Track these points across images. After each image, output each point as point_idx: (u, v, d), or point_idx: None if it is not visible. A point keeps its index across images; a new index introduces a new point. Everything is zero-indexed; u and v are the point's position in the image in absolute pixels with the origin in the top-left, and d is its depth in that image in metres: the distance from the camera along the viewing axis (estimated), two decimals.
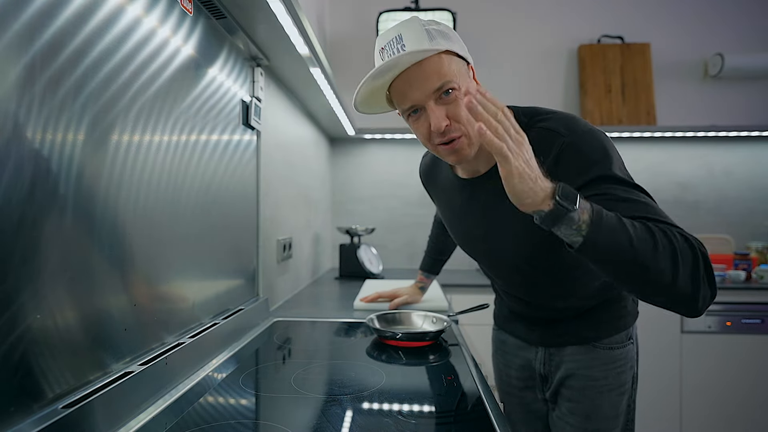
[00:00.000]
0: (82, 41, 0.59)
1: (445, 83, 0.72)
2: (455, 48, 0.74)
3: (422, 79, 0.72)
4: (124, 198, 0.68)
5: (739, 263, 2.15)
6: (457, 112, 0.73)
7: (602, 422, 0.90)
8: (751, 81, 2.48)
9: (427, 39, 0.71)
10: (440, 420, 0.67)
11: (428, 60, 0.71)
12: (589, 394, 0.90)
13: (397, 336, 1.00)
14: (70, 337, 0.57)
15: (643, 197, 0.68)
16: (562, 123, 0.75)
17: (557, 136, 0.73)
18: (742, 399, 1.95)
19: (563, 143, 0.72)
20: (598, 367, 0.91)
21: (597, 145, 0.72)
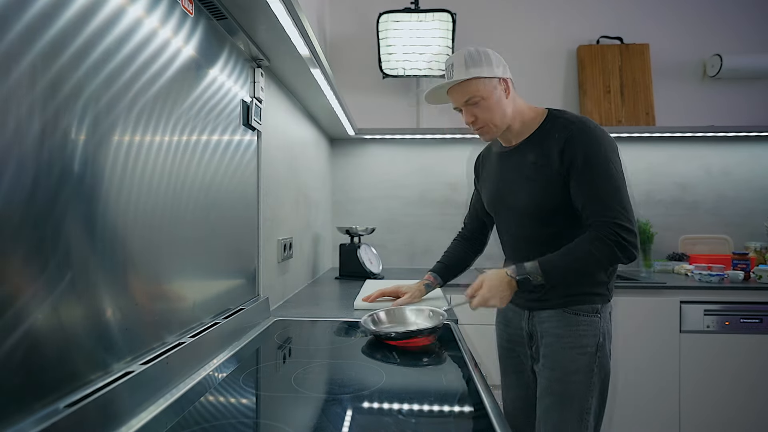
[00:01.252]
0: (84, 42, 0.60)
1: (469, 98, 1.12)
2: (483, 73, 1.10)
3: (458, 94, 1.14)
4: (125, 198, 0.69)
5: (737, 263, 2.16)
6: (480, 113, 1.13)
7: (563, 374, 1.10)
8: (749, 81, 2.49)
9: (464, 68, 1.10)
10: (440, 420, 0.67)
11: (462, 83, 1.12)
12: (555, 348, 1.12)
13: (391, 335, 1.01)
14: (71, 336, 0.57)
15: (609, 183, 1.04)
16: (578, 118, 1.10)
17: (570, 123, 1.08)
18: (741, 398, 1.96)
19: (573, 128, 1.07)
20: (563, 327, 1.12)
21: (598, 136, 1.06)
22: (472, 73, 1.10)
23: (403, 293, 1.39)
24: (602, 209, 1.02)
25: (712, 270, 2.08)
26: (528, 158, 1.13)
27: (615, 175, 1.04)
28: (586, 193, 1.04)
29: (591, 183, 1.03)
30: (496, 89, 1.13)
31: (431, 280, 1.43)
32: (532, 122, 1.16)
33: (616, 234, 1.00)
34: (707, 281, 2.03)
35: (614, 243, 1.00)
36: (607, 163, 1.04)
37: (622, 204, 1.02)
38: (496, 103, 1.12)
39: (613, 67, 2.47)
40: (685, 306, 1.96)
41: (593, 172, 1.03)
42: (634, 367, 1.96)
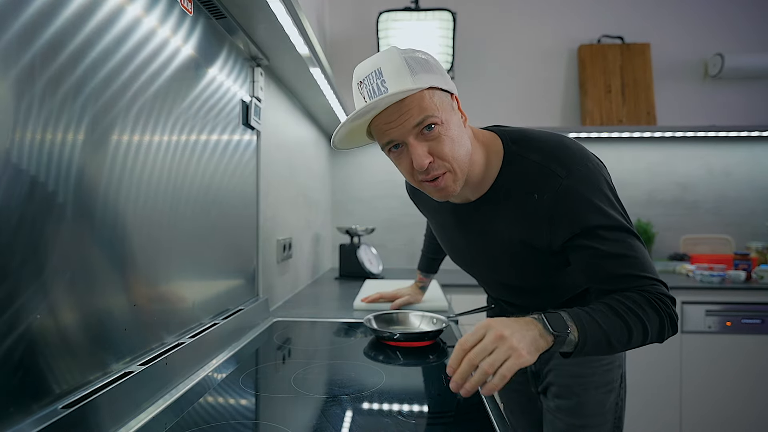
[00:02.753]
0: (82, 41, 0.59)
1: (426, 117, 0.69)
2: (438, 82, 0.70)
3: (403, 114, 0.69)
4: (124, 198, 0.68)
5: (739, 263, 2.15)
6: (441, 148, 0.70)
7: (589, 418, 0.92)
8: (751, 81, 2.48)
9: (408, 73, 0.68)
10: (440, 420, 0.67)
11: (410, 96, 0.68)
12: (577, 391, 0.92)
13: (395, 336, 1.00)
14: (70, 337, 0.57)
15: (627, 248, 0.72)
16: (556, 157, 0.74)
17: (555, 177, 0.73)
18: (742, 399, 1.95)
19: (560, 186, 0.72)
20: (585, 364, 0.92)
21: (591, 188, 0.73)
22: (425, 80, 0.69)
23: (403, 295, 1.39)
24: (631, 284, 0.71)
25: (714, 270, 2.08)
26: (500, 225, 0.80)
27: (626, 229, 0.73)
28: (602, 272, 0.73)
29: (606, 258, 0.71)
30: (454, 112, 0.74)
31: (425, 281, 1.42)
32: (487, 166, 0.79)
33: (667, 304, 0.70)
34: (708, 281, 2.03)
35: (666, 315, 0.70)
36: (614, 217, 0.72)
37: (650, 271, 0.72)
38: (457, 128, 0.73)
39: (614, 67, 2.46)
40: (687, 306, 1.96)
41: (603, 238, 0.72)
42: (636, 367, 1.95)
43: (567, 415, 0.93)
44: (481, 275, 0.99)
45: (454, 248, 0.97)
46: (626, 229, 0.73)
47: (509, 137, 0.79)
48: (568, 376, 0.93)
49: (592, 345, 0.66)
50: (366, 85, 0.71)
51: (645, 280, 0.71)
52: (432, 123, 0.69)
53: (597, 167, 0.75)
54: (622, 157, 2.50)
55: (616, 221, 0.72)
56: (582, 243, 0.72)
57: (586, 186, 0.72)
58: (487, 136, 0.80)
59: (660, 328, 0.70)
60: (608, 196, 0.74)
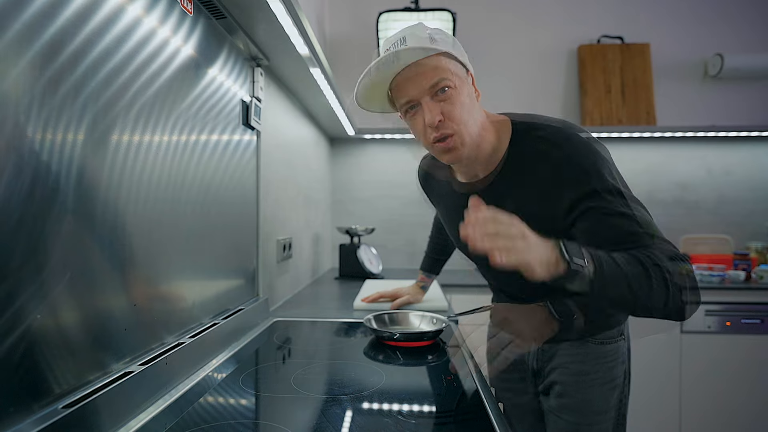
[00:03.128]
0: (82, 41, 0.59)
1: (441, 80, 0.75)
2: (455, 52, 0.77)
3: (420, 75, 0.75)
4: (124, 198, 0.68)
5: (738, 263, 2.15)
6: (452, 110, 0.76)
7: (593, 416, 0.91)
8: (750, 81, 2.48)
9: (428, 41, 0.74)
10: (440, 420, 0.67)
11: (427, 58, 0.75)
12: (581, 388, 0.91)
13: (395, 336, 1.00)
14: (70, 337, 0.57)
15: (635, 209, 0.72)
16: (559, 134, 0.77)
17: (558, 148, 0.76)
18: (742, 399, 1.95)
19: (563, 155, 0.75)
20: (589, 361, 0.92)
21: (592, 157, 0.75)
22: (442, 46, 0.75)
23: (403, 294, 1.39)
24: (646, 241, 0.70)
25: (713, 270, 2.08)
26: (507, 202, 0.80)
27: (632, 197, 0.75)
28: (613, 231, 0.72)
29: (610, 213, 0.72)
30: (466, 83, 0.79)
31: (426, 281, 1.42)
32: (497, 145, 0.82)
33: (688, 263, 0.69)
34: (708, 281, 2.03)
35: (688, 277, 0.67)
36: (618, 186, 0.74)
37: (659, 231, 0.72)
38: (469, 98, 0.78)
39: (614, 67, 2.46)
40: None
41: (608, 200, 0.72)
42: (635, 367, 1.94)
43: (571, 413, 0.92)
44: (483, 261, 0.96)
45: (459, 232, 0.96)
46: (631, 197, 0.74)
47: (518, 119, 0.84)
48: (572, 374, 0.92)
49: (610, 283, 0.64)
50: (396, 45, 0.77)
51: (659, 240, 0.70)
52: (446, 86, 0.75)
53: (599, 145, 0.77)
54: (622, 157, 2.50)
55: (619, 188, 0.73)
56: (588, 205, 0.73)
57: (587, 155, 0.75)
58: (498, 118, 0.85)
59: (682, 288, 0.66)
60: (610, 170, 0.75)
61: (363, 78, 0.77)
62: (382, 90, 0.82)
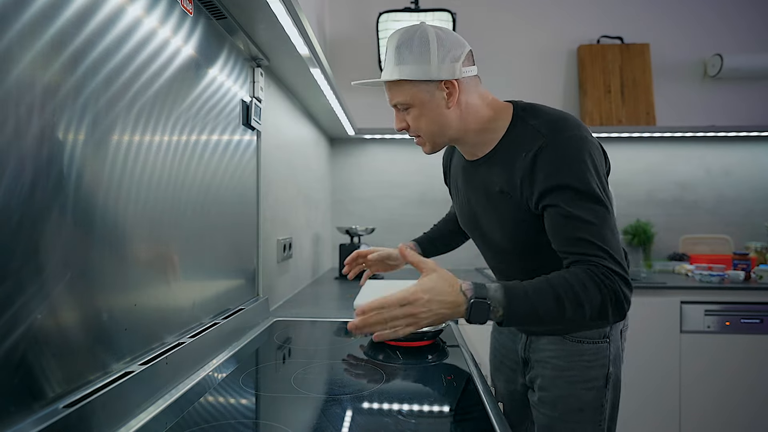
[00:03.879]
0: (83, 41, 0.59)
1: (398, 103, 0.88)
2: (414, 74, 0.83)
3: (389, 91, 0.89)
4: (125, 198, 0.68)
5: (738, 263, 2.16)
6: (413, 122, 0.89)
7: (566, 413, 0.92)
8: (750, 81, 2.49)
9: (393, 62, 0.84)
10: (440, 420, 0.67)
11: (392, 82, 0.86)
12: (557, 383, 0.94)
13: None
14: (71, 337, 0.57)
15: (591, 215, 0.75)
16: (550, 124, 0.81)
17: (539, 136, 0.80)
18: (741, 399, 1.96)
19: (542, 144, 0.79)
20: (566, 357, 0.93)
21: (572, 152, 0.78)
22: (400, 72, 0.83)
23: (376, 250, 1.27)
24: (585, 250, 0.74)
25: (713, 270, 2.08)
26: (494, 181, 0.88)
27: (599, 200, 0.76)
28: (562, 233, 0.77)
29: (568, 218, 0.75)
30: (433, 96, 0.84)
31: (412, 247, 1.30)
32: (495, 128, 0.88)
33: (613, 281, 0.72)
34: (708, 281, 2.03)
35: (610, 293, 0.72)
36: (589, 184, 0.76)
37: (609, 244, 0.74)
38: (433, 111, 0.85)
39: (614, 67, 2.46)
40: (686, 306, 1.96)
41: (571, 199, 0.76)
42: (635, 367, 1.95)
43: (548, 408, 0.94)
44: (478, 236, 1.01)
45: (461, 208, 1.04)
46: (599, 199, 0.76)
47: (521, 106, 0.89)
48: (551, 369, 0.94)
49: (520, 320, 0.74)
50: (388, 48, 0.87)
51: (599, 251, 0.74)
52: (405, 105, 0.87)
53: (586, 140, 0.80)
54: (621, 157, 2.51)
55: (588, 187, 0.76)
56: (551, 200, 0.78)
57: (567, 149, 0.78)
58: (500, 104, 0.91)
59: (602, 306, 0.72)
60: (588, 166, 0.77)
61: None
62: None
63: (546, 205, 0.78)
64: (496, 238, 0.93)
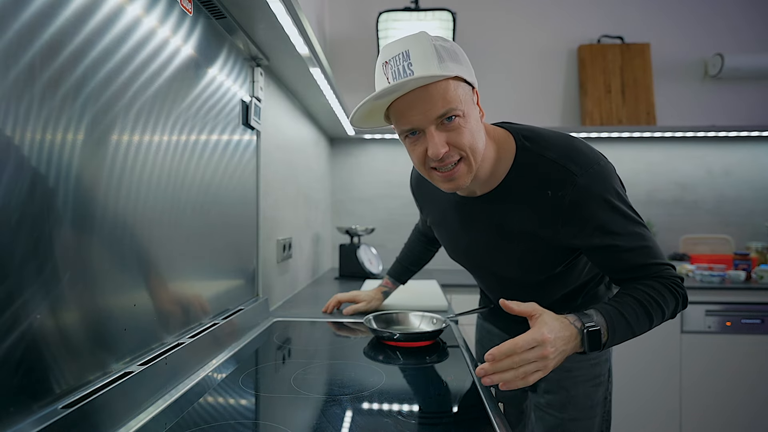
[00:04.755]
0: (82, 41, 0.59)
1: (449, 110, 0.69)
2: (464, 73, 0.72)
3: (426, 103, 0.69)
4: (124, 198, 0.68)
5: (738, 263, 2.15)
6: (459, 139, 0.71)
7: (578, 412, 0.93)
8: (750, 81, 2.48)
9: (436, 61, 0.68)
10: (440, 420, 0.67)
11: (435, 84, 0.69)
12: (565, 385, 0.94)
13: (395, 336, 1.00)
14: (70, 337, 0.57)
15: (640, 239, 0.76)
16: (571, 158, 0.75)
17: (570, 175, 0.74)
18: (742, 399, 1.95)
19: (576, 184, 0.74)
20: (572, 358, 0.92)
21: (606, 184, 0.75)
22: (452, 69, 0.69)
23: (360, 300, 1.30)
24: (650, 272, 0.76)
25: (714, 270, 2.08)
26: (512, 219, 0.81)
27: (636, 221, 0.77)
28: (621, 265, 0.77)
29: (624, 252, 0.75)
30: (474, 106, 0.75)
31: (390, 286, 1.34)
32: (497, 161, 0.80)
33: (682, 287, 0.77)
34: (708, 281, 2.03)
35: (680, 297, 0.77)
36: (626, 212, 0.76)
37: (663, 257, 0.78)
38: (477, 123, 0.74)
39: (614, 67, 2.46)
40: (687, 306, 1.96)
41: (618, 234, 0.75)
42: (636, 367, 1.95)
43: (557, 410, 0.94)
44: (482, 271, 0.98)
45: (455, 243, 0.97)
46: (636, 221, 0.77)
47: (521, 134, 0.80)
48: (557, 371, 0.92)
49: (617, 340, 0.73)
50: (391, 66, 0.70)
51: (660, 267, 0.77)
52: (454, 115, 0.70)
53: (607, 165, 0.78)
54: (622, 157, 2.50)
55: (627, 215, 0.76)
56: (600, 241, 0.76)
57: (599, 184, 0.75)
58: (498, 133, 0.81)
59: (675, 307, 0.77)
60: (619, 193, 0.77)
61: (363, 105, 0.71)
62: (380, 110, 0.76)
63: (594, 246, 0.76)
64: (508, 274, 0.90)
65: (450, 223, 0.94)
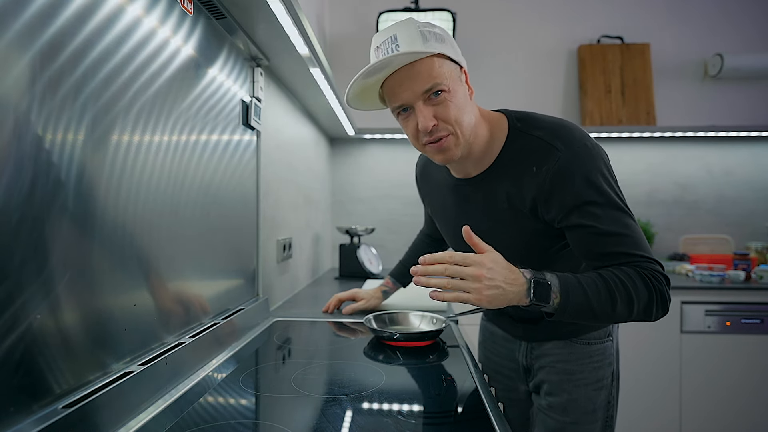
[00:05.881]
0: (83, 41, 0.59)
1: (434, 85, 0.74)
2: (448, 51, 0.76)
3: (413, 79, 0.75)
4: (124, 198, 0.68)
5: (738, 263, 2.15)
6: (446, 112, 0.76)
7: (580, 416, 0.92)
8: (750, 81, 2.48)
9: (420, 41, 0.74)
10: (440, 420, 0.67)
11: (420, 61, 0.74)
12: (567, 388, 0.93)
13: (395, 336, 1.00)
14: (70, 337, 0.57)
15: (622, 227, 0.74)
16: (558, 135, 0.77)
17: (553, 151, 0.76)
18: (742, 399, 1.95)
19: (559, 159, 0.75)
20: (574, 361, 0.93)
21: (590, 163, 0.76)
22: (436, 48, 0.74)
23: (360, 298, 1.31)
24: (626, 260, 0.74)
25: (713, 270, 2.08)
26: (501, 197, 0.82)
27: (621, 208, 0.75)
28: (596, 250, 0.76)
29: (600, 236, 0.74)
30: (461, 83, 0.79)
31: (390, 286, 1.34)
32: (490, 141, 0.82)
33: (660, 282, 0.73)
34: (708, 281, 2.03)
35: (657, 293, 0.72)
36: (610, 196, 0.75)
37: (646, 249, 0.75)
38: (463, 99, 0.78)
39: (614, 67, 2.46)
40: (686, 306, 1.96)
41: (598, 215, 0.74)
42: (635, 367, 1.95)
43: (559, 412, 0.93)
44: None
45: (454, 228, 0.96)
46: (621, 208, 0.75)
47: (515, 116, 0.83)
48: (559, 373, 0.94)
49: (574, 311, 0.71)
50: (382, 49, 0.76)
51: (639, 258, 0.74)
52: (440, 90, 0.74)
53: (596, 147, 0.78)
54: (622, 157, 2.50)
55: (611, 199, 0.75)
56: (578, 220, 0.75)
57: (584, 162, 0.75)
58: (493, 115, 0.85)
59: (648, 303, 0.72)
60: (605, 175, 0.76)
61: (354, 83, 0.77)
62: (374, 90, 0.82)
63: (572, 224, 0.76)
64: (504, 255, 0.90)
65: (448, 208, 0.95)
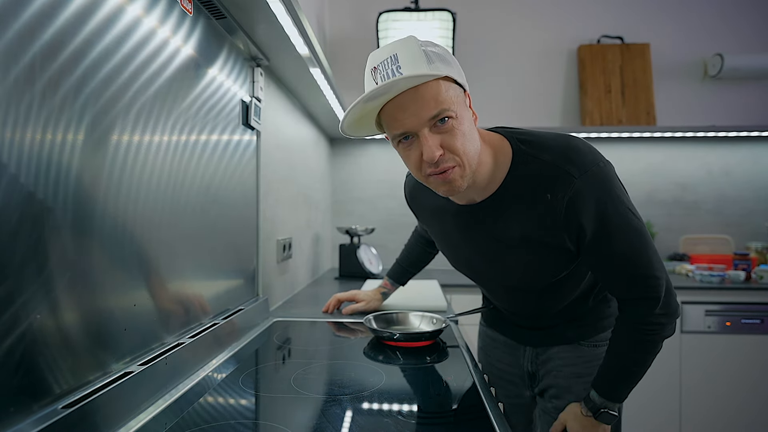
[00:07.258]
0: (82, 41, 0.59)
1: (441, 111, 0.67)
2: (454, 74, 0.69)
3: (418, 104, 0.67)
4: (124, 198, 0.68)
5: (738, 263, 2.15)
6: (453, 141, 0.69)
7: None
8: (750, 81, 2.49)
9: (425, 62, 0.67)
10: (440, 420, 0.67)
11: (425, 85, 0.66)
12: (575, 390, 0.92)
13: (395, 336, 1.00)
14: (70, 337, 0.57)
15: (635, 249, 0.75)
16: (570, 159, 0.73)
17: (568, 177, 0.72)
18: (742, 399, 1.95)
19: (575, 185, 0.72)
20: (582, 363, 0.93)
21: (606, 186, 0.74)
22: (442, 69, 0.67)
23: (360, 300, 1.31)
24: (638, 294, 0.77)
25: (713, 270, 2.08)
26: (510, 225, 0.80)
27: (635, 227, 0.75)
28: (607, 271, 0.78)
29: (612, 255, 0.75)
30: (467, 108, 0.73)
31: (389, 287, 1.34)
32: (494, 167, 0.77)
33: (662, 329, 0.78)
34: (708, 281, 2.03)
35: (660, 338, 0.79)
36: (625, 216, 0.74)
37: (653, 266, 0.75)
38: (470, 126, 0.72)
39: (614, 67, 2.46)
40: (686, 306, 1.96)
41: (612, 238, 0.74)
42: None
43: None
44: (486, 279, 0.96)
45: (456, 252, 0.95)
46: (636, 228, 0.75)
47: (517, 138, 0.78)
48: (567, 377, 0.94)
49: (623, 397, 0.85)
50: (380, 70, 0.68)
51: (651, 280, 0.76)
52: (446, 116, 0.68)
53: (607, 165, 0.75)
54: (622, 157, 2.50)
55: (625, 218, 0.74)
56: (594, 243, 0.75)
57: (599, 187, 0.73)
58: (494, 138, 0.79)
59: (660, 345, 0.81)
60: (619, 196, 0.74)
61: (352, 108, 0.69)
62: (370, 116, 0.74)
63: (589, 246, 0.75)
64: (513, 281, 0.89)
65: (450, 233, 0.91)
